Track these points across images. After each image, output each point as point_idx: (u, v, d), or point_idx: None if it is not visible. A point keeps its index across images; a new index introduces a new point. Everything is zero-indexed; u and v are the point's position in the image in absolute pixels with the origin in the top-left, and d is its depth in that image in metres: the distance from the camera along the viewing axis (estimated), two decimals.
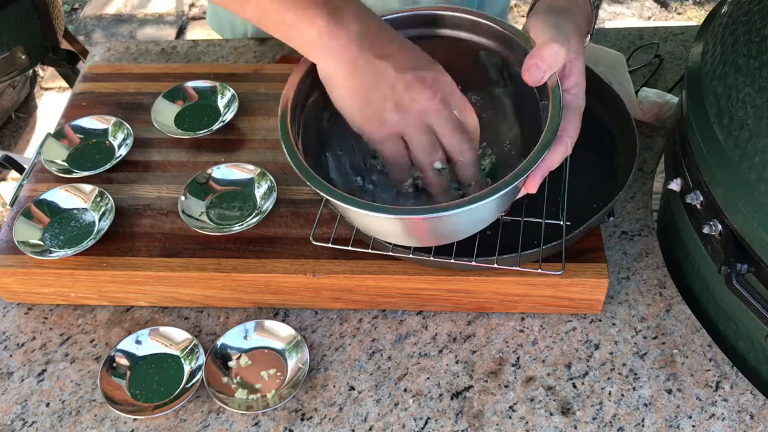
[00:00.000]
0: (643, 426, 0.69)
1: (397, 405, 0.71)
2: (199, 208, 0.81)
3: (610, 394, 0.71)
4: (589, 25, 0.70)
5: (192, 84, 0.96)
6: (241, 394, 0.71)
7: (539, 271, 0.70)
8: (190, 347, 0.74)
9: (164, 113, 0.93)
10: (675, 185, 0.74)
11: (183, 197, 0.81)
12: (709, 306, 0.76)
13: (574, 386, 0.72)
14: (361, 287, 0.75)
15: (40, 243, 0.79)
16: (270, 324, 0.75)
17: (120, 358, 0.74)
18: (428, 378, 0.73)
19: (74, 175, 0.86)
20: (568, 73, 0.64)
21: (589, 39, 0.71)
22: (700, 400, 0.70)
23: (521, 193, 0.64)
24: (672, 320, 0.76)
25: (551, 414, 0.70)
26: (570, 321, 0.77)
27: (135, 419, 0.70)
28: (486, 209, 0.62)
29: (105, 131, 0.91)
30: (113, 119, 0.92)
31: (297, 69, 0.66)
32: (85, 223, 0.81)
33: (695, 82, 0.73)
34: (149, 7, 2.93)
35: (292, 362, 0.73)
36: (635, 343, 0.75)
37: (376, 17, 0.62)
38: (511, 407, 0.70)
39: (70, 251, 0.77)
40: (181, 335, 0.75)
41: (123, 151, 0.88)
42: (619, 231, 0.84)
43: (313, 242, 0.74)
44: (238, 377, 0.72)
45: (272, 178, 0.83)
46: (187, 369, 0.73)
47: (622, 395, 0.71)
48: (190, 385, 0.71)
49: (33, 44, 1.72)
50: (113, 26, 2.85)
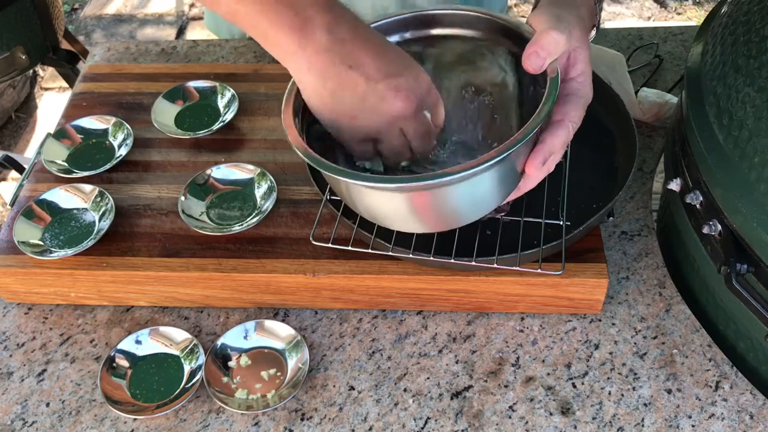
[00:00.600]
0: (642, 426, 0.69)
1: (397, 405, 0.71)
2: (199, 208, 0.82)
3: (609, 394, 0.71)
4: (593, 19, 0.70)
5: (192, 84, 0.96)
6: (241, 394, 0.71)
7: (539, 271, 0.70)
8: (190, 347, 0.74)
9: (164, 113, 0.93)
10: (675, 185, 0.74)
11: (183, 197, 0.81)
12: (708, 306, 0.76)
13: (574, 386, 0.72)
14: (361, 287, 0.75)
15: (40, 243, 0.79)
16: (270, 324, 0.76)
17: (120, 358, 0.74)
18: (428, 378, 0.73)
19: (74, 175, 0.86)
20: (573, 62, 0.64)
21: (594, 32, 0.71)
22: (699, 400, 0.70)
23: (525, 186, 0.64)
24: (672, 320, 0.76)
25: (551, 414, 0.70)
26: (570, 321, 0.77)
27: (135, 419, 0.70)
28: (486, 182, 0.61)
29: (105, 131, 0.91)
30: (113, 119, 0.92)
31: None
32: (85, 223, 0.81)
33: (695, 82, 0.73)
34: (149, 7, 2.93)
35: (292, 362, 0.73)
36: (635, 343, 0.75)
37: (352, 22, 0.61)
38: (510, 407, 0.70)
39: (70, 251, 0.77)
40: (181, 335, 0.75)
41: (123, 151, 0.88)
42: (619, 231, 0.84)
43: (313, 242, 0.74)
44: (238, 377, 0.72)
45: (272, 178, 0.83)
46: (187, 369, 0.73)
47: (622, 395, 0.71)
48: (190, 385, 0.71)
49: (33, 44, 1.72)
50: (113, 26, 2.85)
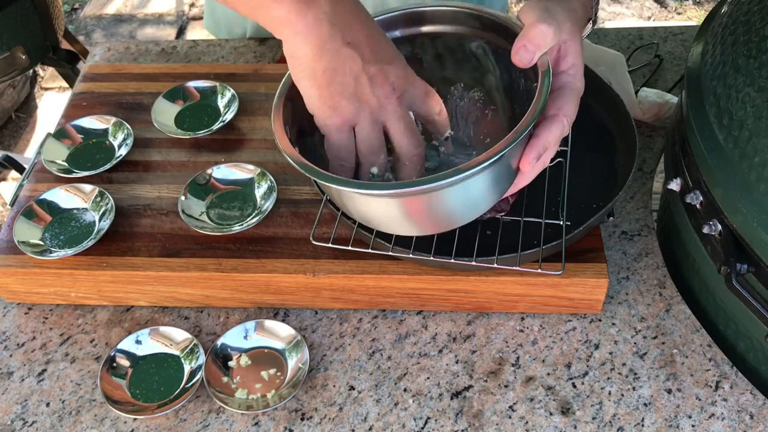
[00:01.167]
0: (642, 426, 0.69)
1: (397, 405, 0.71)
2: (199, 208, 0.82)
3: (609, 393, 0.71)
4: (588, 12, 0.69)
5: (192, 84, 0.96)
6: (241, 394, 0.71)
7: (539, 271, 0.70)
8: (190, 347, 0.74)
9: (164, 113, 0.93)
10: (675, 185, 0.74)
11: (183, 197, 0.81)
12: (708, 306, 0.76)
13: (574, 386, 0.72)
14: (361, 287, 0.75)
15: (41, 243, 0.79)
16: (270, 324, 0.76)
17: (120, 358, 0.74)
18: (428, 378, 0.73)
19: (74, 175, 0.86)
20: (563, 55, 0.63)
21: (591, 27, 0.70)
22: (699, 399, 0.70)
23: (520, 182, 0.63)
24: (672, 320, 0.76)
25: (551, 414, 0.70)
26: (570, 321, 0.77)
27: (135, 419, 0.70)
28: (480, 183, 0.61)
29: (105, 131, 0.91)
30: (113, 119, 0.92)
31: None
32: (85, 223, 0.81)
33: (695, 82, 0.73)
34: (149, 7, 2.93)
35: (292, 362, 0.73)
36: (635, 343, 0.75)
37: (354, 1, 0.60)
38: (511, 407, 0.70)
39: (70, 251, 0.77)
40: (181, 335, 0.75)
41: (123, 151, 0.89)
42: (619, 231, 0.84)
43: (313, 242, 0.74)
44: (238, 377, 0.72)
45: (272, 178, 0.83)
46: (187, 369, 0.73)
47: (622, 395, 0.71)
48: (190, 384, 0.71)
49: (33, 44, 1.72)
50: (113, 26, 2.85)
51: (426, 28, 0.71)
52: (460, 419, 0.70)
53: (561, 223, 0.71)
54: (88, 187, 0.83)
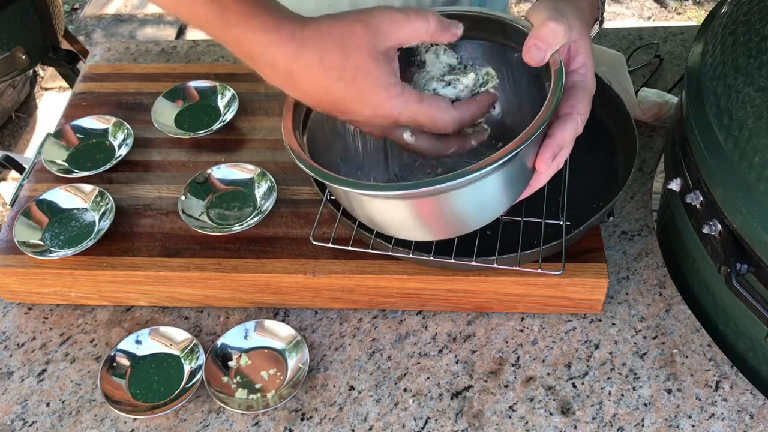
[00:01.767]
0: (642, 426, 0.69)
1: (397, 405, 0.71)
2: (199, 208, 0.82)
3: (609, 393, 0.71)
4: (595, 12, 0.69)
5: (192, 84, 0.96)
6: (241, 394, 0.71)
7: (539, 271, 0.70)
8: (190, 347, 0.74)
9: (164, 113, 0.93)
10: (675, 185, 0.74)
11: (183, 197, 0.81)
12: (708, 306, 0.76)
13: (574, 386, 0.72)
14: (361, 287, 0.75)
15: (41, 243, 0.79)
16: (270, 324, 0.76)
17: (120, 357, 0.74)
18: (428, 378, 0.73)
19: (74, 175, 0.86)
20: (573, 54, 0.63)
21: (598, 27, 0.70)
22: (699, 399, 0.70)
23: (536, 183, 0.62)
24: (672, 320, 0.76)
25: (551, 414, 0.70)
26: (570, 321, 0.77)
27: (135, 419, 0.70)
28: (494, 184, 0.59)
29: (105, 131, 0.91)
30: (113, 119, 0.92)
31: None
32: (85, 223, 0.81)
33: (695, 82, 0.73)
34: (149, 7, 2.93)
35: (292, 362, 0.73)
36: (635, 343, 0.75)
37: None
38: (511, 407, 0.70)
39: (70, 251, 0.77)
40: (181, 335, 0.75)
41: (123, 151, 0.89)
42: (619, 231, 0.84)
43: (313, 242, 0.74)
44: (238, 377, 0.72)
45: (272, 178, 0.83)
46: (187, 369, 0.73)
47: (622, 395, 0.71)
48: (190, 385, 0.71)
49: (33, 44, 1.72)
50: (113, 26, 2.85)
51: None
52: (460, 419, 0.70)
53: (561, 223, 0.71)
54: (88, 187, 0.83)
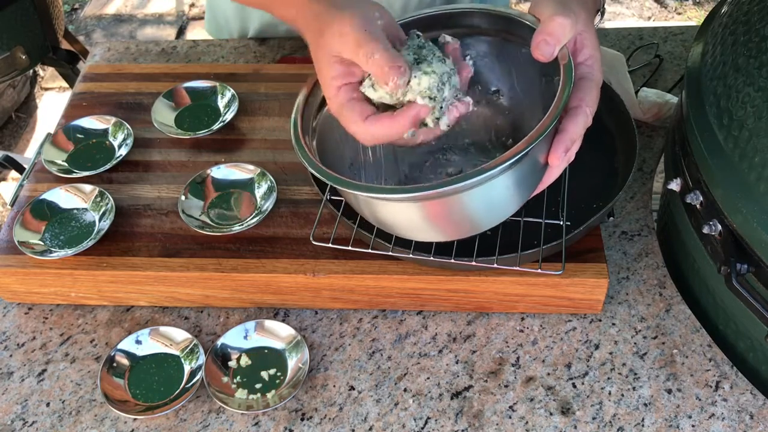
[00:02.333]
0: (642, 426, 0.69)
1: (397, 405, 0.71)
2: (199, 208, 0.82)
3: (609, 393, 0.71)
4: (597, 2, 0.69)
5: (192, 84, 0.96)
6: (241, 394, 0.71)
7: (539, 271, 0.70)
8: (190, 347, 0.74)
9: (164, 113, 0.93)
10: (675, 185, 0.74)
11: (183, 197, 0.81)
12: (708, 306, 0.76)
13: (574, 386, 0.72)
14: (361, 287, 0.75)
15: (41, 243, 0.79)
16: (270, 324, 0.76)
17: (120, 358, 0.74)
18: (428, 378, 0.73)
19: (74, 175, 0.86)
20: (580, 47, 0.63)
21: (600, 18, 0.70)
22: (699, 399, 0.70)
23: (548, 179, 0.62)
24: (672, 320, 0.76)
25: (551, 414, 0.70)
26: (570, 321, 0.77)
27: (135, 419, 0.70)
28: (506, 184, 0.59)
29: (105, 131, 0.91)
30: (113, 119, 0.92)
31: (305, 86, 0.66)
32: (85, 223, 0.81)
33: (695, 82, 0.73)
34: (149, 7, 2.93)
35: (292, 362, 0.73)
36: (635, 343, 0.75)
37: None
38: (511, 407, 0.70)
39: (70, 251, 0.77)
40: (181, 335, 0.75)
41: (123, 151, 0.88)
42: (619, 231, 0.84)
43: (313, 242, 0.74)
44: (238, 377, 0.72)
45: (272, 178, 0.83)
46: (187, 369, 0.73)
47: (622, 395, 0.71)
48: (190, 385, 0.71)
49: (33, 44, 1.72)
50: (113, 26, 2.85)
51: (438, 32, 0.68)
52: (460, 419, 0.70)
53: (561, 223, 0.71)
54: (88, 187, 0.83)
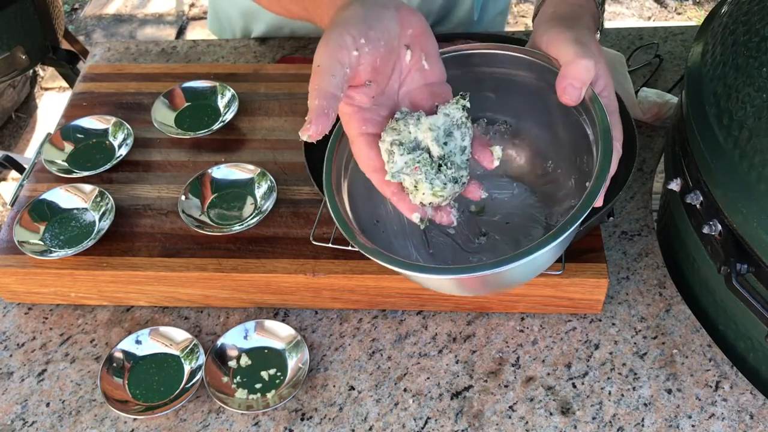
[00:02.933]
0: (642, 426, 0.69)
1: (397, 405, 0.71)
2: (199, 208, 0.82)
3: (609, 393, 0.71)
4: (597, 22, 0.69)
5: (192, 84, 0.96)
6: (241, 394, 0.71)
7: None
8: (190, 347, 0.74)
9: (164, 113, 0.93)
10: (675, 185, 0.74)
11: (183, 197, 0.81)
12: (708, 306, 0.76)
13: (574, 386, 0.72)
14: (361, 287, 0.75)
15: (41, 243, 0.79)
16: (270, 324, 0.76)
17: (120, 358, 0.74)
18: (428, 378, 0.73)
19: (74, 175, 0.86)
20: (595, 79, 0.63)
21: (599, 35, 0.70)
22: (699, 399, 0.70)
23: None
24: (672, 320, 0.76)
25: (551, 414, 0.70)
26: (570, 321, 0.77)
27: (135, 419, 0.70)
28: (545, 257, 0.60)
29: (105, 131, 0.91)
30: (113, 119, 0.92)
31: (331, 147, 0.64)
32: (85, 223, 0.81)
33: (695, 82, 0.73)
34: (149, 7, 2.93)
35: (292, 362, 0.73)
36: (635, 343, 0.75)
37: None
38: (511, 407, 0.70)
39: (69, 251, 0.77)
40: (181, 335, 0.75)
41: (123, 151, 0.88)
42: (619, 231, 0.84)
43: (313, 242, 0.74)
44: (238, 377, 0.72)
45: (272, 178, 0.83)
46: (187, 369, 0.73)
47: (622, 395, 0.71)
48: (190, 385, 0.71)
49: (33, 44, 1.72)
50: (113, 26, 2.85)
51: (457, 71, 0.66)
52: (460, 419, 0.70)
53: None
54: (88, 187, 0.83)
